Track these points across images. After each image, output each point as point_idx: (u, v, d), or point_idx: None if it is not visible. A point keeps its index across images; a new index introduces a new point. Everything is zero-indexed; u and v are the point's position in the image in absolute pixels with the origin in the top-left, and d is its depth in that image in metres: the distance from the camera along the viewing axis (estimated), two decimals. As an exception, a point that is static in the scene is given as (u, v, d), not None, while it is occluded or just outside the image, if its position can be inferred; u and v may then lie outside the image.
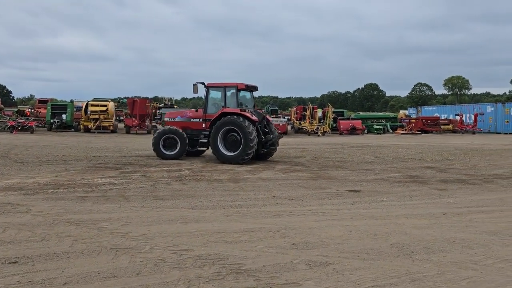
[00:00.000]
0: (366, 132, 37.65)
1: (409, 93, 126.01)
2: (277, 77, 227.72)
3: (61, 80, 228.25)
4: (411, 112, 60.12)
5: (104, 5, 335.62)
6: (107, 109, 31.96)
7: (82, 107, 33.86)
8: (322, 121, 38.24)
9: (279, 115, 45.54)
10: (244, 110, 14.17)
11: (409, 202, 8.30)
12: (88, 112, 31.60)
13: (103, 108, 31.92)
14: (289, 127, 38.91)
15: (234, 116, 13.84)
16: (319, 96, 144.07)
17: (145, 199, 8.00)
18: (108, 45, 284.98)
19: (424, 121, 41.90)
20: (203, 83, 14.82)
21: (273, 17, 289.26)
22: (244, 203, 7.82)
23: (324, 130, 36.11)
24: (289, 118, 44.83)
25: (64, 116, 32.87)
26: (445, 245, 5.42)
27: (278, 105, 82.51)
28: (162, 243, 5.25)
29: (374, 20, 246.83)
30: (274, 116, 39.75)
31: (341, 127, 36.70)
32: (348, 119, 40.67)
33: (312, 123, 36.48)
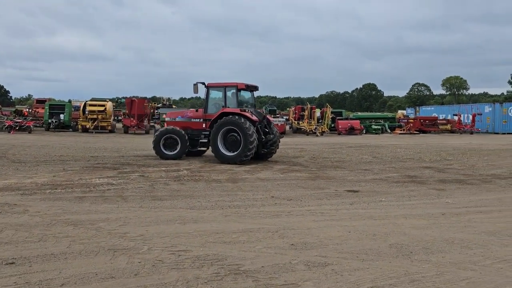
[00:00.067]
0: (364, 132, 37.68)
1: (407, 93, 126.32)
2: (276, 77, 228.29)
3: (59, 80, 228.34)
4: (409, 112, 60.17)
5: (102, 5, 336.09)
6: (105, 109, 31.94)
7: (80, 107, 33.87)
8: (320, 121, 38.31)
9: (277, 115, 45.64)
10: (244, 110, 14.14)
11: (408, 202, 8.30)
12: (86, 112, 31.58)
13: (101, 108, 31.90)
14: (287, 127, 38.96)
15: (234, 116, 13.81)
16: (317, 96, 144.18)
17: (143, 200, 7.98)
18: (106, 45, 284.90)
19: (422, 121, 41.97)
20: (204, 83, 14.80)
21: (271, 17, 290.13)
22: (242, 203, 7.81)
23: (323, 130, 36.15)
24: (287, 118, 44.87)
25: (62, 116, 32.86)
26: (444, 246, 5.42)
27: (277, 105, 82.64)
28: (160, 244, 5.23)
29: (372, 20, 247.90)
30: (272, 116, 39.74)
31: (340, 127, 36.76)
32: (347, 119, 40.74)
33: (311, 123, 36.55)
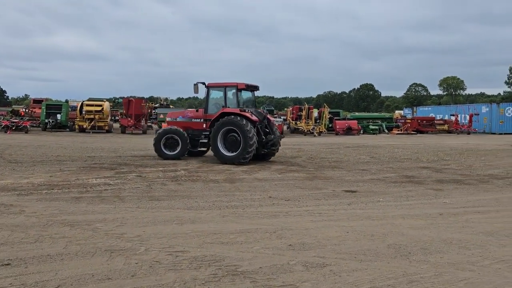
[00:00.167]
0: (361, 132, 37.73)
1: (404, 93, 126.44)
2: (274, 77, 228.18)
3: (56, 79, 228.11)
4: (407, 112, 60.31)
5: (100, 5, 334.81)
6: (102, 109, 31.84)
7: (77, 107, 33.73)
8: (318, 121, 38.31)
9: (275, 115, 45.60)
10: (244, 110, 14.07)
11: (406, 203, 8.29)
12: (83, 112, 31.47)
13: (98, 108, 31.80)
14: (285, 127, 38.95)
15: (234, 116, 13.75)
16: (315, 96, 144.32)
17: (141, 200, 7.94)
18: (103, 45, 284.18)
19: (419, 121, 42.03)
20: (204, 83, 14.76)
21: (270, 17, 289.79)
22: (240, 204, 7.78)
23: (320, 130, 36.16)
24: (285, 118, 44.86)
25: (59, 116, 32.74)
26: (442, 246, 5.41)
27: (274, 105, 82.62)
28: (158, 245, 5.20)
29: (371, 21, 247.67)
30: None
31: (337, 127, 36.78)
32: (344, 119, 40.77)
33: (308, 123, 36.54)
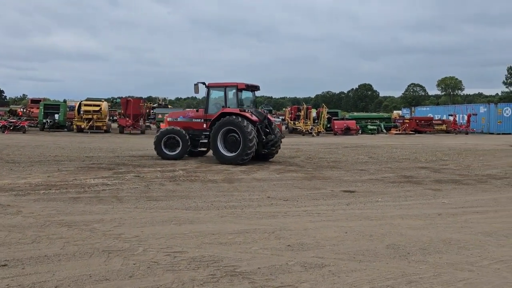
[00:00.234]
0: (360, 132, 37.76)
1: (402, 93, 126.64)
2: (272, 77, 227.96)
3: (54, 79, 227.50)
4: (405, 112, 60.42)
5: (98, 5, 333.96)
6: (101, 109, 31.79)
7: (75, 107, 33.65)
8: (316, 121, 38.32)
9: (273, 115, 45.51)
10: (244, 110, 14.04)
11: (404, 203, 8.28)
12: (81, 112, 31.41)
13: (97, 108, 31.75)
14: (283, 127, 38.91)
15: (235, 117, 13.69)
16: (313, 96, 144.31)
17: (139, 200, 7.92)
18: (102, 45, 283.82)
19: (417, 121, 42.10)
20: (204, 83, 14.73)
21: (269, 17, 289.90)
22: (238, 204, 7.77)
23: (319, 130, 36.17)
24: (283, 118, 44.83)
25: (56, 116, 32.69)
26: (441, 246, 5.40)
27: (273, 105, 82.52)
28: (156, 245, 5.17)
29: (369, 21, 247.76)
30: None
31: (335, 127, 36.77)
32: (342, 119, 40.78)
33: (307, 123, 36.54)
